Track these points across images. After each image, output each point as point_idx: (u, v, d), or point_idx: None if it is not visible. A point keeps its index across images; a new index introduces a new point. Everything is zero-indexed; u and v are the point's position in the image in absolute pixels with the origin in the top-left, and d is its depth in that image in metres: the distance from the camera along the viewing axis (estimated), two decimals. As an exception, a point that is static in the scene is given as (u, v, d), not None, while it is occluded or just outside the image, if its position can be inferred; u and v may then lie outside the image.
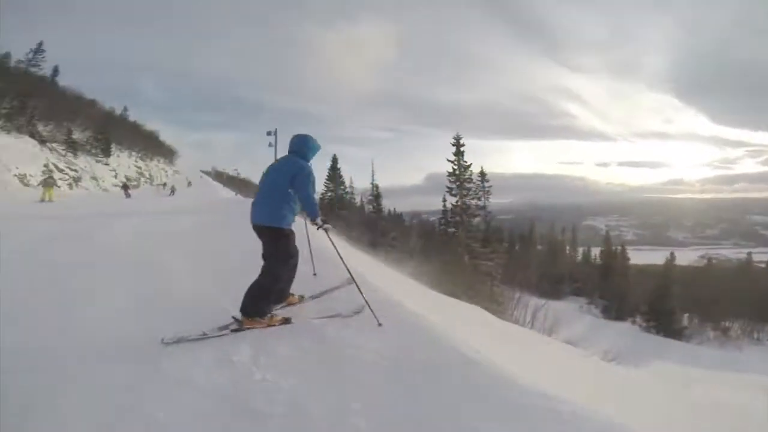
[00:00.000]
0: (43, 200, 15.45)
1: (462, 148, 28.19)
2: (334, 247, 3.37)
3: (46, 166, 23.58)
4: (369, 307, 2.99)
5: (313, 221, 3.02)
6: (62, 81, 36.86)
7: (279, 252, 2.96)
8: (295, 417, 1.91)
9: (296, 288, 3.39)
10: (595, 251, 57.61)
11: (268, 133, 16.74)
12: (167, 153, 63.90)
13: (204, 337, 2.72)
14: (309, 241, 4.04)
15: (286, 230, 2.98)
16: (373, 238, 30.61)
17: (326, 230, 3.09)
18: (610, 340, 24.45)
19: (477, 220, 28.46)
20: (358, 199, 38.08)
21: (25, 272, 4.79)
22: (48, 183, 16.70)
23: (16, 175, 19.54)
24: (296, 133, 3.28)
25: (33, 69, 31.53)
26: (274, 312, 3.03)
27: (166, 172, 55.40)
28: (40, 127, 28.54)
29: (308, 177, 3.00)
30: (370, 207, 34.18)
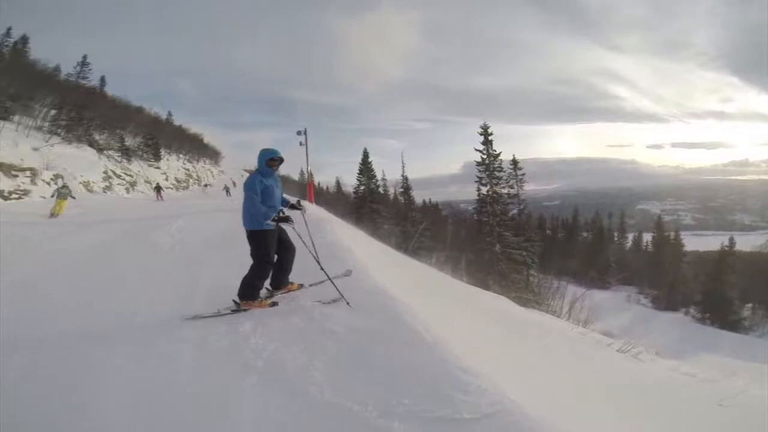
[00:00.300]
0: (53, 215, 12.40)
1: (490, 137, 27.96)
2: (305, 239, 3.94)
3: (105, 172, 26.00)
4: (339, 292, 3.64)
5: (273, 220, 3.61)
6: (110, 91, 39.18)
7: (253, 250, 3.69)
8: (272, 369, 2.65)
9: (303, 277, 4.12)
10: (648, 237, 54.78)
11: (298, 133, 17.46)
12: (212, 154, 67.52)
13: (218, 314, 3.58)
14: (310, 237, 4.60)
15: (252, 232, 3.66)
16: (404, 229, 31.29)
17: (283, 222, 3.66)
18: (658, 332, 23.41)
19: (509, 208, 28.27)
20: (392, 191, 39.15)
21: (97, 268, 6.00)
22: (62, 194, 13.37)
23: (81, 183, 21.79)
24: None
25: (83, 81, 33.55)
26: (264, 297, 3.80)
27: (212, 172, 58.68)
28: (97, 136, 31.35)
29: (248, 184, 3.69)
30: (401, 199, 34.72)
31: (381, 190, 37.76)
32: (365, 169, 35.53)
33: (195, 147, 57.79)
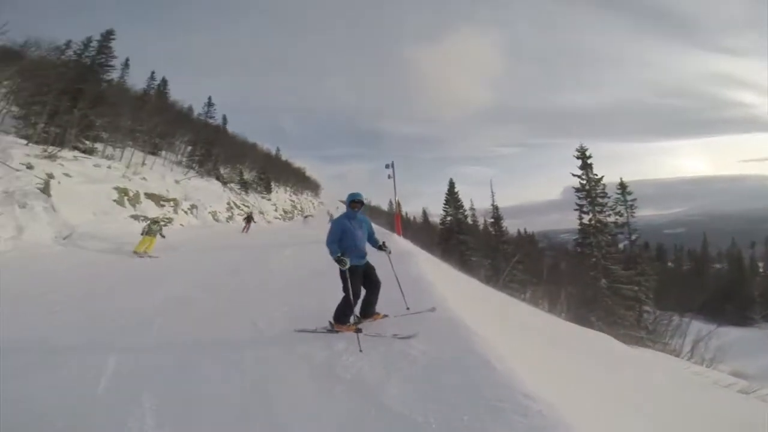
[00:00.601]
0: (137, 253, 11.28)
1: (589, 160, 25.80)
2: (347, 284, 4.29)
3: (228, 203, 30.19)
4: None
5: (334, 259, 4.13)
6: (230, 128, 45.35)
7: (343, 284, 4.23)
8: (356, 381, 3.20)
9: (389, 308, 4.67)
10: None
11: (386, 166, 18.35)
12: (313, 187, 73.66)
13: (315, 331, 4.35)
14: (396, 276, 5.10)
15: (341, 269, 4.18)
16: (494, 262, 30.03)
17: (338, 264, 4.11)
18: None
19: (618, 239, 25.50)
20: (481, 221, 38.17)
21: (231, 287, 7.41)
22: (152, 231, 11.92)
23: (210, 212, 25.65)
24: None
25: (210, 120, 39.36)
26: (353, 322, 4.39)
27: (313, 203, 63.78)
28: (221, 170, 36.58)
29: (330, 229, 4.32)
30: (492, 229, 33.56)
31: (469, 220, 37.03)
32: (451, 199, 35.27)
33: (299, 180, 63.75)
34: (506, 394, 2.64)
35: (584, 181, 26.08)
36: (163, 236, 12.41)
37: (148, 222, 12.59)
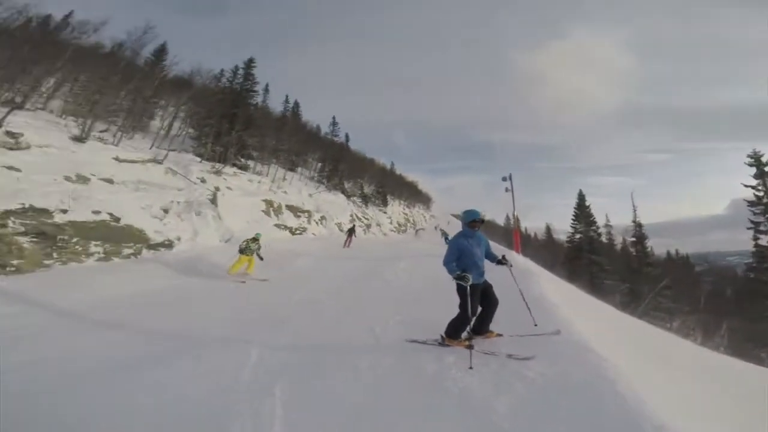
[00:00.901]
0: (232, 275, 10.09)
1: (766, 167, 21.08)
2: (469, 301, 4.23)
3: (351, 215, 32.52)
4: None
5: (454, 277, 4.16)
6: (351, 145, 48.09)
7: (460, 301, 4.25)
8: (464, 396, 3.23)
9: (507, 327, 4.57)
10: None
11: (503, 179, 17.57)
12: (425, 200, 74.58)
13: (426, 343, 4.46)
14: (520, 291, 5.01)
15: (457, 285, 4.23)
16: (634, 286, 25.89)
17: (459, 281, 4.12)
18: None
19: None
20: (618, 240, 33.68)
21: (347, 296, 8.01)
22: (249, 249, 10.56)
23: (336, 223, 27.98)
24: None
25: (335, 138, 42.84)
26: (465, 338, 4.31)
27: (425, 217, 64.56)
28: (345, 185, 39.56)
29: (449, 248, 4.34)
30: (633, 250, 29.42)
31: (603, 238, 32.94)
32: (581, 214, 31.79)
33: (412, 194, 65.23)
34: (633, 425, 2.43)
35: (761, 193, 21.17)
36: (261, 258, 10.73)
37: (247, 240, 10.87)
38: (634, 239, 29.43)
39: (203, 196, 16.54)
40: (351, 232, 21.42)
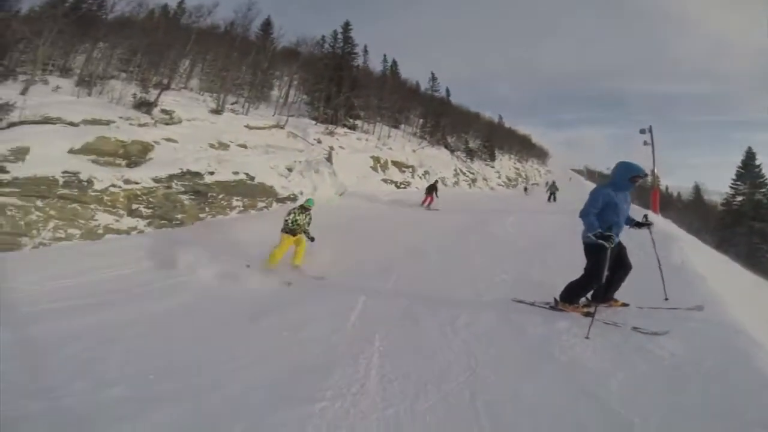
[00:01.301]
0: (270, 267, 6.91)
1: None
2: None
3: (455, 170, 32.11)
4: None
5: (594, 236, 3.60)
6: (453, 99, 46.02)
7: (587, 263, 3.84)
8: (573, 365, 2.95)
9: (636, 295, 4.00)
10: None
11: (641, 131, 15.32)
12: (540, 154, 69.09)
13: (534, 304, 4.17)
14: (657, 257, 4.35)
15: (588, 245, 3.78)
16: None
17: (603, 240, 3.54)
18: None
19: None
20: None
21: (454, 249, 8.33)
22: (297, 226, 7.35)
23: (439, 178, 27.97)
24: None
25: (435, 93, 41.32)
26: (582, 304, 3.95)
27: (540, 171, 60.12)
28: (449, 139, 38.71)
29: (591, 197, 3.74)
30: None
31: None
32: (747, 174, 26.17)
33: (524, 147, 60.87)
34: None
35: None
36: (312, 238, 7.49)
37: (293, 211, 7.51)
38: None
39: (320, 156, 18.17)
40: (432, 189, 16.87)
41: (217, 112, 17.00)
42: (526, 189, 35.14)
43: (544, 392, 2.63)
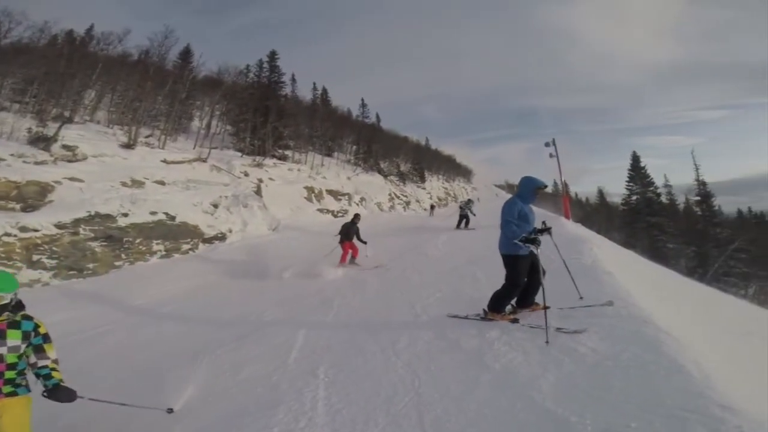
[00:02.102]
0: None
1: None
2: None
3: (389, 194, 32.57)
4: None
5: (520, 241, 3.82)
6: (383, 125, 47.27)
7: (507, 272, 4.05)
8: (506, 372, 3.05)
9: (553, 299, 4.10)
10: None
11: (546, 144, 16.68)
12: (465, 173, 72.97)
13: (467, 318, 4.32)
14: (563, 260, 4.73)
15: (507, 256, 4.01)
16: (700, 250, 24.04)
17: (529, 243, 3.78)
18: None
19: None
20: (681, 200, 31.29)
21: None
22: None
23: (375, 203, 28.18)
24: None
25: (365, 119, 42.54)
26: (509, 311, 4.18)
27: (466, 189, 63.30)
28: (382, 164, 39.40)
29: (506, 210, 4.00)
30: (697, 210, 27.54)
31: (663, 198, 30.90)
32: (637, 175, 29.83)
33: (450, 167, 63.95)
34: (696, 403, 2.16)
35: None
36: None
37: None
38: (698, 198, 27.44)
39: (248, 189, 17.21)
40: (350, 230, 21.32)
41: (128, 146, 15.55)
42: (432, 209, 35.39)
43: (485, 401, 2.70)
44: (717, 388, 2.31)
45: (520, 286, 4.00)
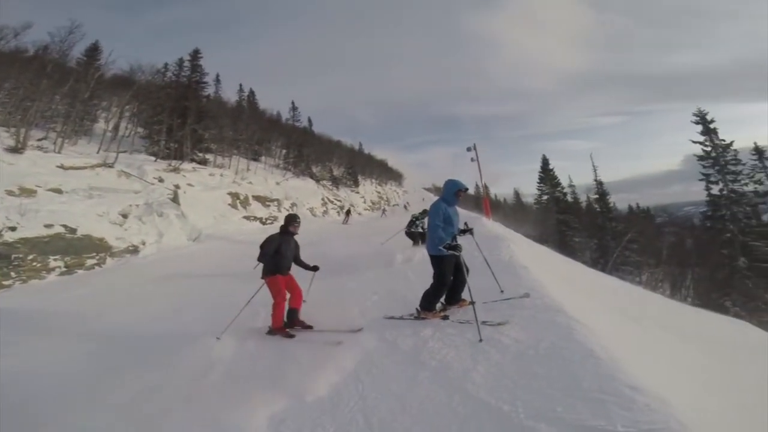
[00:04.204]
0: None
1: (711, 124, 22.67)
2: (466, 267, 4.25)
3: (322, 199, 32.07)
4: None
5: (444, 247, 4.06)
6: (315, 129, 47.22)
7: (435, 272, 4.25)
8: (441, 368, 3.19)
9: (478, 295, 4.31)
10: None
11: (468, 149, 17.72)
12: (396, 177, 74.54)
13: (402, 318, 4.43)
14: (485, 258, 5.10)
15: (434, 257, 4.20)
16: (601, 243, 27.32)
17: (452, 250, 4.04)
18: None
19: (761, 209, 21.50)
20: (584, 199, 35.02)
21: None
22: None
23: (308, 209, 27.55)
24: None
25: (296, 123, 41.73)
26: (439, 309, 4.37)
27: (398, 193, 64.62)
28: (314, 169, 38.83)
29: (433, 213, 4.24)
30: (597, 206, 30.55)
31: (569, 197, 34.26)
32: (546, 176, 32.90)
33: (383, 172, 64.94)
34: (609, 385, 2.41)
35: (708, 148, 22.76)
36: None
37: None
38: (596, 196, 30.90)
39: (163, 196, 15.76)
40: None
41: (16, 150, 13.54)
42: (383, 212, 36.45)
43: (425, 398, 2.81)
44: (625, 369, 2.59)
45: (447, 284, 4.21)
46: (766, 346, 6.84)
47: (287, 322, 4.76)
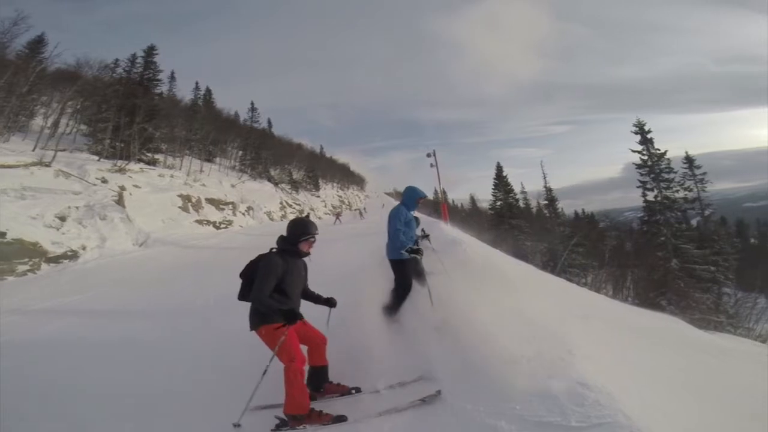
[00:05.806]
0: None
1: (648, 134, 24.44)
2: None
3: (280, 203, 31.43)
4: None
5: (406, 251, 4.12)
6: (275, 131, 45.65)
7: (396, 277, 4.29)
8: None
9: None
10: None
11: (428, 155, 18.13)
12: (358, 181, 74.56)
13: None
14: (441, 262, 5.03)
15: (394, 261, 4.23)
16: (551, 246, 28.75)
17: (413, 255, 4.13)
18: None
19: (690, 215, 23.56)
20: (534, 204, 36.70)
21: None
22: None
23: (265, 213, 26.86)
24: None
25: (255, 124, 40.13)
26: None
27: (360, 197, 64.59)
28: (272, 172, 37.95)
29: (394, 217, 4.25)
30: (546, 212, 32.19)
31: (521, 203, 35.59)
32: (500, 183, 33.98)
33: (344, 175, 64.69)
34: (563, 384, 2.52)
35: (645, 157, 24.55)
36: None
37: None
38: (546, 202, 32.53)
39: (107, 198, 14.78)
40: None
41: (-68, 146, 12.25)
42: (361, 212, 36.33)
43: None
44: (575, 366, 2.70)
45: (409, 287, 4.23)
46: (701, 342, 7.48)
47: (313, 392, 3.01)
